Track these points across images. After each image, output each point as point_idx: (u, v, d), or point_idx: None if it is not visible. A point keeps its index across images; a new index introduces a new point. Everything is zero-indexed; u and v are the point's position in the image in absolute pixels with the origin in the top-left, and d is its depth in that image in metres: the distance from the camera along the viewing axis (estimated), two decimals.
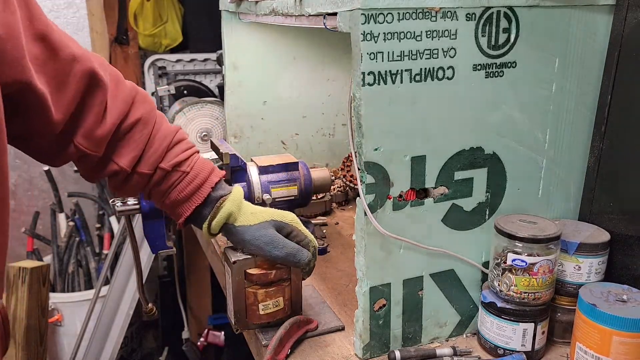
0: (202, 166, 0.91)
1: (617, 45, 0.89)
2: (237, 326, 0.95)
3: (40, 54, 0.74)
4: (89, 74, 0.80)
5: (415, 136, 0.82)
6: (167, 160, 0.88)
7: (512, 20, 0.83)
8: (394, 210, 0.84)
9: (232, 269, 0.91)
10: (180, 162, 0.89)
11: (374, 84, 0.77)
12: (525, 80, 0.87)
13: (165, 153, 0.88)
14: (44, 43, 0.74)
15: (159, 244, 1.09)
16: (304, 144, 1.71)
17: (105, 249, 2.52)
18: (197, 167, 0.90)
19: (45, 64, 0.75)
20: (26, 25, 0.72)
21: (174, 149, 0.89)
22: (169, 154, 0.89)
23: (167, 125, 0.91)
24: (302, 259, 0.91)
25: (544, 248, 0.83)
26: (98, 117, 0.82)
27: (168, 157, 0.88)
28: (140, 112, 0.87)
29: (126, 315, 2.19)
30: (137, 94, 0.89)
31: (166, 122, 0.92)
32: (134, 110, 0.87)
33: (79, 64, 0.79)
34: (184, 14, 2.65)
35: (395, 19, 0.76)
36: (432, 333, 0.94)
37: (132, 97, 0.87)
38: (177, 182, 0.89)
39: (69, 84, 0.78)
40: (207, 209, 0.91)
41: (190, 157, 0.90)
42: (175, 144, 0.90)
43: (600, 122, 0.93)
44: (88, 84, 0.80)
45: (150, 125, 0.88)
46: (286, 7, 1.00)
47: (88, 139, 0.82)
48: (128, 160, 0.86)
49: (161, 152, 0.88)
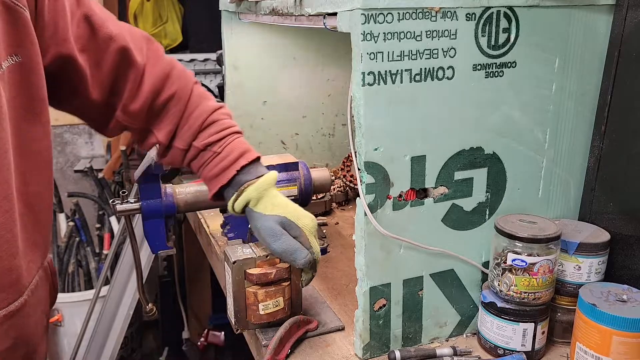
0: (233, 148, 0.93)
1: (617, 45, 0.89)
2: (237, 326, 0.95)
3: (84, 34, 0.84)
4: (121, 52, 0.88)
5: (415, 136, 0.82)
6: (200, 139, 0.93)
7: (512, 20, 0.83)
8: (394, 210, 0.84)
9: (232, 269, 0.91)
10: (213, 143, 0.93)
11: (374, 84, 0.77)
12: (525, 80, 0.87)
13: (198, 132, 0.93)
14: (87, 23, 0.85)
15: (159, 244, 1.10)
16: (304, 144, 1.71)
17: (105, 249, 2.51)
18: (228, 148, 0.93)
19: (87, 43, 0.85)
20: (74, 8, 0.84)
21: (208, 129, 0.93)
22: (202, 133, 0.93)
23: (205, 104, 0.94)
24: (298, 258, 0.90)
25: (544, 248, 0.83)
26: (132, 92, 0.91)
27: (201, 137, 0.93)
28: (175, 87, 0.93)
29: (126, 315, 2.18)
30: (173, 70, 0.94)
31: (205, 101, 0.95)
32: (169, 86, 0.93)
33: (114, 43, 0.87)
34: (184, 14, 2.65)
35: (395, 19, 0.76)
36: (432, 333, 0.94)
37: (167, 73, 0.93)
38: (208, 161, 0.93)
39: (105, 61, 0.87)
40: (231, 190, 0.94)
41: (224, 138, 0.93)
42: (210, 124, 0.93)
43: (600, 122, 0.93)
44: (120, 61, 0.88)
45: (184, 102, 0.93)
46: (286, 7, 1.00)
47: (125, 113, 0.92)
48: (164, 134, 0.94)
49: (194, 130, 0.92)
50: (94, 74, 0.87)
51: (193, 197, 1.14)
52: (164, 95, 0.93)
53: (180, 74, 0.95)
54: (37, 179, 0.83)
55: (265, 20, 1.24)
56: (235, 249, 0.95)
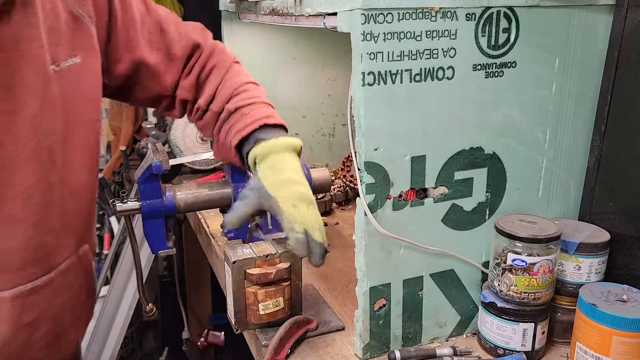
0: (260, 111, 1.01)
1: (617, 45, 0.89)
2: (237, 326, 0.95)
3: (154, 35, 1.03)
4: (192, 45, 1.08)
5: (415, 136, 0.82)
6: (232, 103, 1.03)
7: (512, 20, 0.83)
8: (393, 210, 0.84)
9: (232, 269, 0.91)
10: (242, 106, 1.02)
11: (373, 84, 0.77)
12: (525, 80, 0.87)
13: (230, 97, 1.04)
14: (158, 28, 1.04)
15: (159, 244, 1.10)
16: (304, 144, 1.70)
17: (105, 249, 2.51)
18: (255, 111, 1.00)
19: (157, 42, 1.04)
20: (144, 16, 1.02)
21: (240, 95, 1.04)
22: (234, 98, 1.04)
23: (240, 78, 1.07)
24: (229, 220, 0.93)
25: (544, 248, 0.83)
26: (187, 70, 1.08)
27: (233, 101, 1.03)
28: (216, 60, 1.09)
29: (126, 315, 2.18)
30: (216, 47, 1.11)
31: (241, 76, 1.08)
32: (211, 59, 1.09)
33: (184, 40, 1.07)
34: (184, 14, 2.65)
35: (395, 19, 0.76)
36: (432, 333, 0.94)
37: (211, 49, 1.10)
38: (237, 122, 1.01)
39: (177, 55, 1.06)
40: (247, 146, 0.99)
41: (251, 104, 1.02)
42: (242, 91, 1.05)
43: (600, 122, 0.93)
44: (191, 52, 1.08)
45: (223, 71, 1.08)
46: (286, 7, 1.00)
47: (183, 88, 1.08)
48: (205, 99, 1.06)
49: (228, 95, 1.04)
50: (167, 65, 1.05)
51: (193, 197, 1.14)
52: (208, 66, 1.08)
53: (222, 50, 1.12)
54: (81, 170, 0.92)
55: (265, 20, 1.24)
56: (235, 249, 0.95)
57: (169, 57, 1.05)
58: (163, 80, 1.06)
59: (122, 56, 0.99)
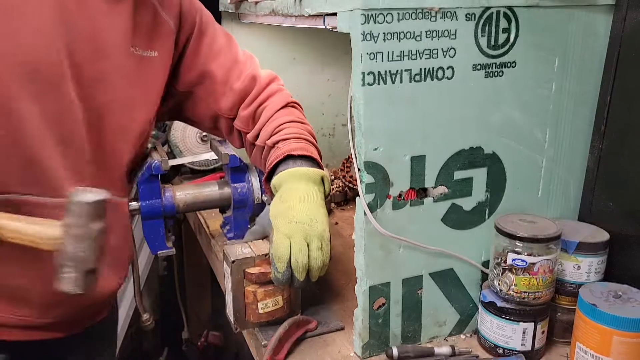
0: (289, 146, 1.02)
1: (617, 45, 0.89)
2: (237, 325, 0.95)
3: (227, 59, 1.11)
4: (252, 77, 1.10)
5: (415, 136, 0.82)
6: (272, 139, 1.05)
7: (511, 20, 0.83)
8: (393, 210, 0.84)
9: (231, 268, 0.91)
10: (279, 141, 1.04)
11: (373, 84, 0.77)
12: (525, 80, 0.87)
13: (271, 134, 1.06)
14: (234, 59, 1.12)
15: (158, 244, 1.10)
16: None
17: None
18: (285, 146, 1.02)
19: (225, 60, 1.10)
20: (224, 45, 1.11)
21: (279, 132, 1.05)
22: (274, 135, 1.06)
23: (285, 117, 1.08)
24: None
25: (544, 248, 0.83)
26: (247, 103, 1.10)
27: (273, 138, 1.05)
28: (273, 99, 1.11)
29: (126, 316, 2.18)
30: (280, 90, 1.13)
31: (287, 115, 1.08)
32: (270, 98, 1.11)
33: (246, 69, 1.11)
34: None
35: (394, 19, 0.76)
36: (432, 332, 0.94)
37: (274, 90, 1.12)
38: (270, 156, 1.04)
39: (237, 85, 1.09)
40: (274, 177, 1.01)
41: (287, 139, 1.04)
42: (281, 130, 1.06)
43: (600, 122, 0.93)
44: (251, 84, 1.10)
45: (274, 110, 1.09)
46: (286, 7, 1.00)
47: (239, 119, 1.10)
48: (253, 134, 1.09)
49: (269, 132, 1.06)
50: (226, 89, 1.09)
51: (193, 198, 1.14)
52: (264, 104, 1.10)
53: (282, 94, 1.13)
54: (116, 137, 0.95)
55: (265, 21, 1.24)
56: (235, 249, 0.95)
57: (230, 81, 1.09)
58: (220, 98, 1.09)
59: (189, 70, 1.07)
